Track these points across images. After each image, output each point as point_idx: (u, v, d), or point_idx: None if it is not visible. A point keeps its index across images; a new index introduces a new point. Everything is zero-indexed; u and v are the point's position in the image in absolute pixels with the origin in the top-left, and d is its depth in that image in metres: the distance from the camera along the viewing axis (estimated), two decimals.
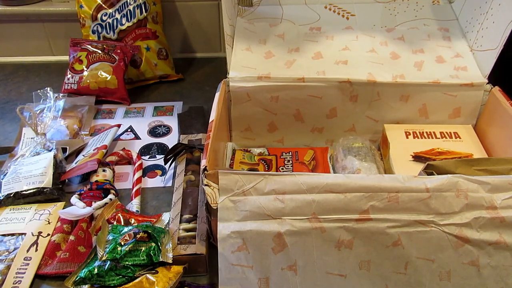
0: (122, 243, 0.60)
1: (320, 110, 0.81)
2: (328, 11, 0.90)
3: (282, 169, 0.76)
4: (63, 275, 0.61)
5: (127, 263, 0.59)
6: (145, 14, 1.03)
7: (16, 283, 0.61)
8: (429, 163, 0.58)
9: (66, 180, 0.79)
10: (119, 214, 0.68)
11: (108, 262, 0.59)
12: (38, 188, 0.74)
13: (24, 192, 0.74)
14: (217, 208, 0.54)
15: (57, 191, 0.75)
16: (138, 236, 0.60)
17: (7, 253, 0.65)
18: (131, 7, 1.02)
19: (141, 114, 0.97)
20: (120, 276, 0.59)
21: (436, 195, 0.52)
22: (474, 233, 0.53)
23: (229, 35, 0.80)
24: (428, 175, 0.56)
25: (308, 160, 0.77)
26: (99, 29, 1.03)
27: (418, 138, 0.77)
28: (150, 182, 0.80)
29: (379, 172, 0.72)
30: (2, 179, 0.77)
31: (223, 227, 0.53)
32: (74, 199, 0.72)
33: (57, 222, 0.70)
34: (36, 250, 0.65)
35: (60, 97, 0.95)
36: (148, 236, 0.61)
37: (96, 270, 0.59)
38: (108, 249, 0.59)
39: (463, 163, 0.59)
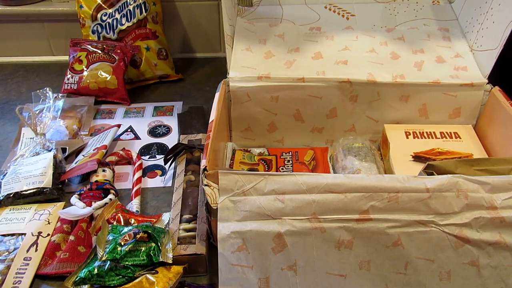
0: (122, 243, 0.59)
1: (320, 110, 0.81)
2: (328, 11, 0.90)
3: (282, 169, 0.76)
4: (63, 275, 0.61)
5: (127, 263, 0.59)
6: (145, 14, 1.03)
7: (16, 283, 0.61)
8: (429, 163, 0.58)
9: (66, 180, 0.79)
10: (119, 214, 0.68)
11: (108, 262, 0.59)
12: (38, 188, 0.74)
13: (24, 192, 0.74)
14: (217, 208, 0.54)
15: (57, 191, 0.75)
16: (138, 236, 0.60)
17: (7, 253, 0.65)
18: (131, 7, 1.02)
19: (141, 114, 0.97)
20: (120, 276, 0.59)
21: (436, 195, 0.52)
22: (474, 233, 0.53)
23: (229, 35, 0.80)
24: (428, 175, 0.56)
25: (308, 160, 0.77)
26: (99, 29, 1.03)
27: (418, 138, 0.77)
28: (150, 182, 0.80)
29: (379, 172, 0.72)
30: (2, 179, 0.77)
31: (223, 227, 0.53)
32: (74, 199, 0.72)
33: (57, 222, 0.70)
34: (36, 250, 0.65)
35: (60, 97, 0.95)
36: (148, 236, 0.61)
37: (96, 270, 0.59)
38: (108, 249, 0.59)
39: (463, 163, 0.59)
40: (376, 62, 0.81)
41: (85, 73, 0.99)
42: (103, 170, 0.78)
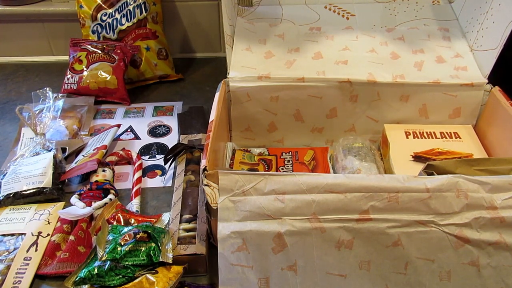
0: (122, 243, 0.59)
1: (320, 110, 0.81)
2: (328, 11, 0.90)
3: (282, 169, 0.76)
4: (63, 275, 0.61)
5: (127, 263, 0.59)
6: (145, 14, 1.03)
7: (16, 283, 0.61)
8: (429, 163, 0.58)
9: (66, 180, 0.79)
10: (119, 214, 0.68)
11: (108, 262, 0.59)
12: (38, 188, 0.74)
13: (24, 192, 0.74)
14: (217, 208, 0.54)
15: (57, 191, 0.75)
16: (138, 236, 0.60)
17: (7, 253, 0.65)
18: (131, 7, 1.02)
19: (141, 114, 0.97)
20: (120, 276, 0.59)
21: (436, 195, 0.52)
22: (474, 233, 0.53)
23: (229, 35, 0.80)
24: (428, 175, 0.56)
25: (308, 160, 0.77)
26: (99, 29, 1.02)
27: (418, 138, 0.77)
28: (150, 182, 0.80)
29: (379, 172, 0.72)
30: (2, 179, 0.77)
31: (223, 227, 0.53)
32: (74, 199, 0.72)
33: (57, 222, 0.70)
34: (36, 250, 0.65)
35: (60, 97, 0.95)
36: (148, 236, 0.61)
37: (96, 270, 0.59)
38: (108, 249, 0.59)
39: (463, 163, 0.59)
40: (376, 62, 0.81)
41: (85, 73, 0.99)
42: (103, 170, 0.78)
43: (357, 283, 0.54)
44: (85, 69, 0.99)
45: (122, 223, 0.66)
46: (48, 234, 0.68)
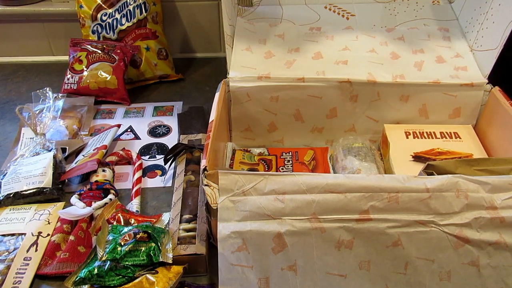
0: (122, 243, 0.59)
1: (320, 110, 0.81)
2: (328, 11, 0.90)
3: (282, 169, 0.76)
4: (63, 275, 0.61)
5: (127, 263, 0.59)
6: (145, 14, 1.03)
7: (16, 283, 0.61)
8: (429, 163, 0.58)
9: (66, 180, 0.79)
10: (119, 214, 0.68)
11: (108, 262, 0.59)
12: (38, 188, 0.74)
13: (24, 192, 0.74)
14: (217, 208, 0.54)
15: (57, 191, 0.75)
16: (138, 236, 0.60)
17: (7, 253, 0.65)
18: (131, 7, 1.02)
19: (141, 114, 0.97)
20: (120, 276, 0.59)
21: (436, 195, 0.52)
22: (474, 233, 0.53)
23: (229, 35, 0.80)
24: (428, 175, 0.56)
25: (308, 160, 0.77)
26: (99, 29, 1.02)
27: (418, 138, 0.77)
28: (150, 182, 0.80)
29: (379, 172, 0.72)
30: (2, 179, 0.77)
31: (223, 227, 0.53)
32: (74, 199, 0.72)
33: (57, 222, 0.70)
34: (36, 250, 0.65)
35: (60, 97, 0.95)
36: (148, 236, 0.61)
37: (96, 270, 0.59)
38: (108, 249, 0.59)
39: (463, 163, 0.59)
40: (376, 62, 0.81)
41: (85, 73, 0.99)
42: (103, 170, 0.78)
43: (357, 283, 0.54)
44: (85, 69, 0.99)
45: (122, 223, 0.66)
46: (48, 234, 0.68)
